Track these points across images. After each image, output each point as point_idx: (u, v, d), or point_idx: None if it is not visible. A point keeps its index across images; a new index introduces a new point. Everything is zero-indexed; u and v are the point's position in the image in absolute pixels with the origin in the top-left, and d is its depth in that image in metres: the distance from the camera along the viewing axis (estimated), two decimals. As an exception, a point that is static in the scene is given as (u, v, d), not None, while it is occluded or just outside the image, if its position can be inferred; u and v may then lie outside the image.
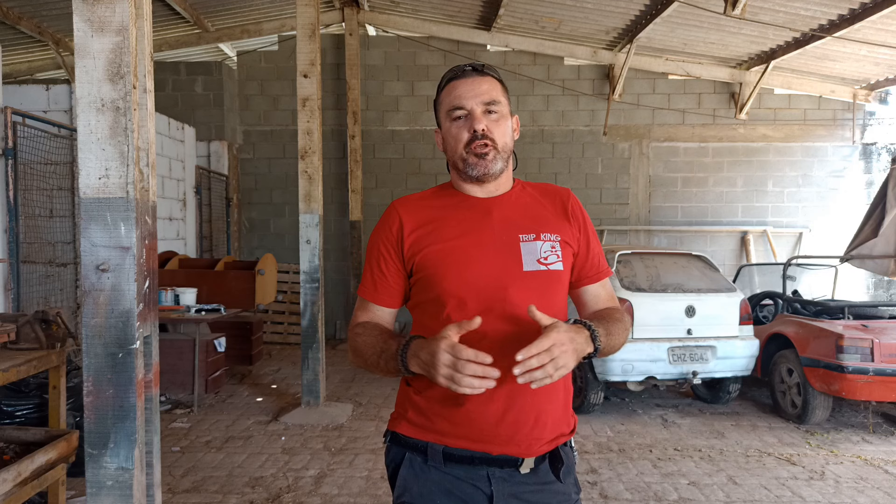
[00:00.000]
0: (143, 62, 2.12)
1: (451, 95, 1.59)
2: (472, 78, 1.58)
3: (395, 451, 1.62)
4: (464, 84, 1.58)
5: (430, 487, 1.54)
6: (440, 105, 1.64)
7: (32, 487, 2.92)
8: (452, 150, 1.61)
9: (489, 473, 1.52)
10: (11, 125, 5.39)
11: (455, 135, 1.59)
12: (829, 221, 10.09)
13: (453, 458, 1.53)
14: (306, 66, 5.91)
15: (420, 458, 1.56)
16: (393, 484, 1.61)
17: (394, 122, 10.19)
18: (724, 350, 5.84)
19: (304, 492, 4.16)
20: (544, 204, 1.66)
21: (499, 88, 1.60)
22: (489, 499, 1.52)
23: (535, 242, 1.57)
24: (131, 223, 2.04)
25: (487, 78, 1.59)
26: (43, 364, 3.44)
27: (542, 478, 1.55)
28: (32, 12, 8.20)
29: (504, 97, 1.60)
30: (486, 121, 1.56)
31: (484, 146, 1.55)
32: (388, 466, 1.64)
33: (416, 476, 1.56)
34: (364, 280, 1.67)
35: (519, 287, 1.52)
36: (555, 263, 1.57)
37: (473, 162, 1.57)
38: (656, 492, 4.24)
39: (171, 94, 9.48)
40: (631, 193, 10.21)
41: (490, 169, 1.57)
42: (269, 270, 7.68)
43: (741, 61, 9.57)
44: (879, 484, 4.43)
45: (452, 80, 1.60)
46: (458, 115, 1.58)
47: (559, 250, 1.58)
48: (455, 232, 1.57)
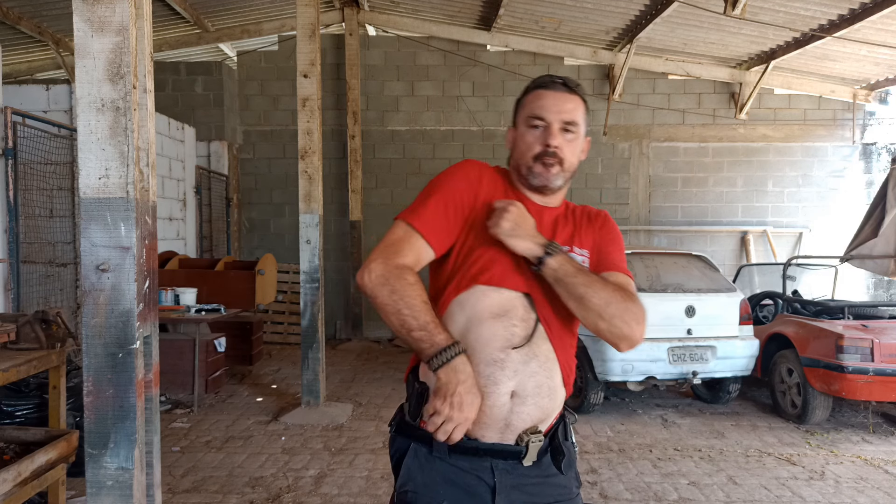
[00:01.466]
0: (143, 62, 2.12)
1: (535, 104, 1.64)
2: (561, 93, 1.63)
3: (399, 440, 1.63)
4: (551, 97, 1.63)
5: (434, 477, 1.56)
6: (522, 108, 1.68)
7: (32, 487, 2.92)
8: (521, 155, 1.66)
9: (493, 465, 1.55)
10: (11, 125, 5.39)
11: (529, 142, 1.64)
12: (829, 221, 10.08)
13: (458, 449, 1.55)
14: (306, 66, 5.91)
15: (425, 448, 1.58)
16: (397, 474, 1.63)
17: (394, 122, 10.19)
18: (724, 350, 5.84)
19: (304, 492, 4.16)
20: (583, 221, 1.74)
21: (581, 110, 1.66)
22: (492, 490, 1.55)
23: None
24: (131, 223, 2.04)
25: (574, 97, 1.64)
26: (43, 364, 3.44)
27: (544, 470, 1.59)
28: (32, 12, 8.20)
29: (583, 119, 1.66)
30: (561, 138, 1.61)
31: (552, 161, 1.61)
32: (393, 456, 1.65)
33: (421, 466, 1.58)
34: (417, 209, 1.58)
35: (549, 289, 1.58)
36: None
37: (538, 171, 1.63)
38: (656, 492, 4.24)
39: (171, 94, 9.48)
40: (631, 193, 10.21)
41: (551, 182, 1.64)
42: (269, 270, 7.68)
43: (741, 61, 9.57)
44: (879, 484, 4.43)
45: (540, 87, 1.65)
46: (535, 125, 1.63)
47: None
48: None
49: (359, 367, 7.95)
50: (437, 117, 10.16)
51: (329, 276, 9.87)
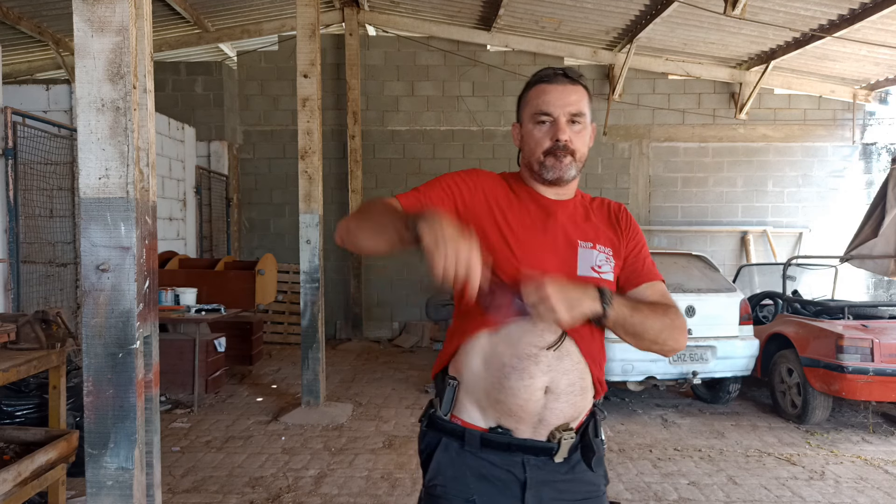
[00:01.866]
0: (143, 62, 2.12)
1: (539, 99, 1.61)
2: (563, 86, 1.61)
3: (430, 435, 1.63)
4: (554, 90, 1.60)
5: (465, 471, 1.57)
6: (525, 104, 1.66)
7: (32, 487, 2.92)
8: (530, 152, 1.64)
9: (524, 460, 1.56)
10: (11, 125, 5.39)
11: (537, 138, 1.62)
12: (829, 221, 10.08)
13: (491, 443, 1.56)
14: (306, 66, 5.91)
15: (457, 442, 1.59)
16: (426, 469, 1.63)
17: (394, 122, 10.19)
18: (724, 350, 5.84)
19: (304, 492, 4.16)
20: (600, 216, 1.71)
21: (586, 99, 1.63)
22: (522, 485, 1.55)
23: (592, 251, 1.63)
24: (131, 223, 2.04)
25: (577, 87, 1.62)
26: (43, 364, 3.44)
27: (574, 467, 1.59)
28: (32, 12, 8.20)
29: (588, 108, 1.64)
30: (570, 131, 1.60)
31: (564, 154, 1.60)
32: (423, 451, 1.65)
33: (452, 460, 1.59)
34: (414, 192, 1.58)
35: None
36: (607, 273, 1.63)
37: (551, 164, 1.61)
38: (656, 492, 4.24)
39: (171, 94, 9.48)
40: (631, 193, 10.21)
41: (565, 174, 1.62)
42: (269, 270, 7.68)
43: (741, 61, 9.57)
44: (879, 484, 4.43)
45: (542, 82, 1.63)
46: (542, 120, 1.61)
47: (612, 262, 1.64)
48: (519, 222, 1.61)
49: (359, 367, 7.95)
50: (437, 117, 10.16)
51: (329, 276, 9.87)
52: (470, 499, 1.56)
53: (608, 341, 1.66)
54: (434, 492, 1.60)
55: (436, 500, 1.60)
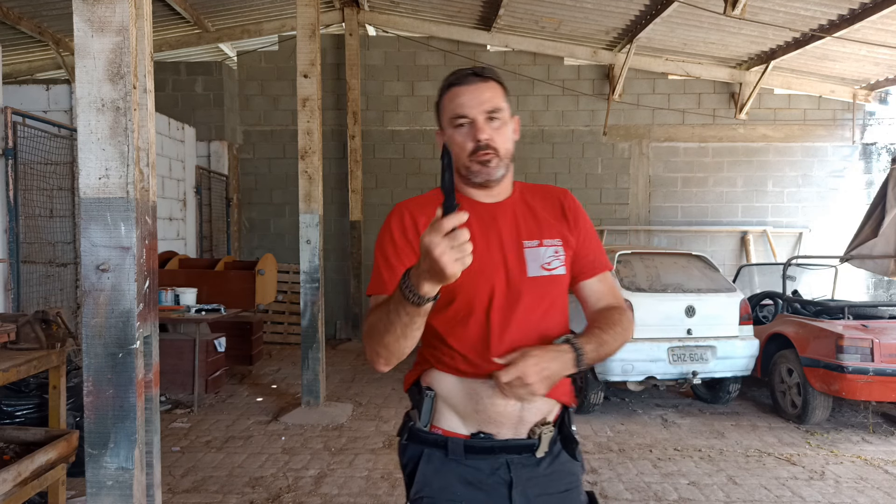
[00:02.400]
0: (143, 62, 2.12)
1: (454, 102, 1.59)
2: (475, 85, 1.58)
3: (412, 448, 1.63)
4: (466, 91, 1.58)
5: (451, 480, 1.57)
6: (442, 110, 1.64)
7: (32, 487, 2.92)
8: (456, 157, 1.61)
9: (508, 461, 1.57)
10: (11, 125, 5.39)
11: (459, 143, 1.59)
12: (829, 221, 10.08)
13: (474, 449, 1.57)
14: (306, 66, 5.91)
15: (440, 452, 1.59)
16: (410, 482, 1.62)
17: (394, 122, 10.19)
18: (724, 350, 5.84)
19: (304, 492, 4.16)
20: (544, 207, 1.69)
21: (500, 93, 1.60)
22: (509, 486, 1.57)
23: (539, 248, 1.62)
24: (131, 223, 2.04)
25: (490, 83, 1.59)
26: (43, 364, 3.44)
27: (554, 460, 1.61)
28: (32, 12, 8.20)
29: (505, 102, 1.61)
30: (489, 129, 1.57)
31: (487, 155, 1.57)
32: (406, 466, 1.65)
33: (437, 470, 1.59)
34: (375, 280, 1.60)
35: (525, 292, 1.58)
36: (558, 268, 1.62)
37: (477, 170, 1.59)
38: (656, 492, 4.24)
39: (171, 94, 9.48)
40: (631, 193, 10.21)
41: (493, 175, 1.59)
42: (269, 270, 7.68)
43: (741, 61, 9.57)
44: (879, 484, 4.43)
45: (454, 85, 1.60)
46: (460, 123, 1.59)
47: (562, 254, 1.64)
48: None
49: (359, 367, 7.95)
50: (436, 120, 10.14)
51: (329, 276, 9.87)
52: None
53: None
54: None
55: None
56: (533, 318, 1.58)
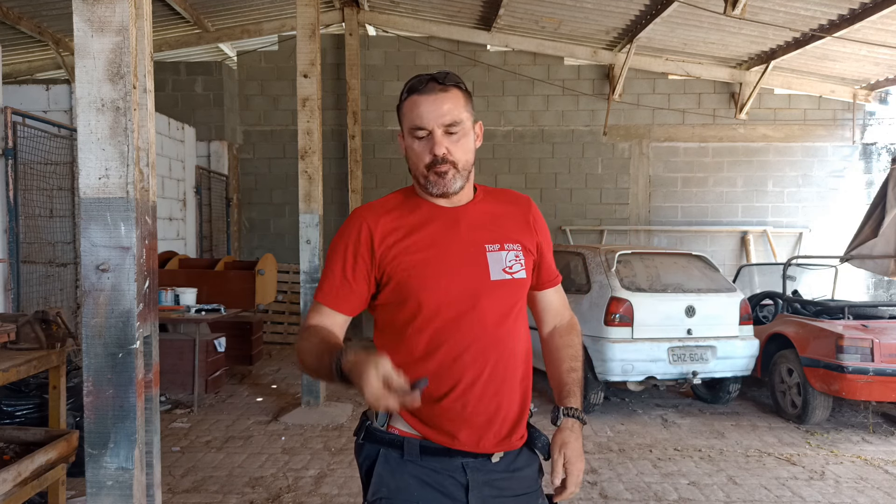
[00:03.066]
0: (143, 62, 2.12)
1: (413, 112, 1.56)
2: (435, 95, 1.55)
3: (368, 448, 1.63)
4: (425, 102, 1.55)
5: (407, 480, 1.57)
6: (402, 117, 1.61)
7: (32, 487, 2.92)
8: (414, 166, 1.62)
9: (464, 464, 1.57)
10: (11, 125, 5.39)
11: (417, 153, 1.58)
12: (829, 221, 10.09)
13: (430, 450, 1.57)
14: (306, 66, 5.91)
15: (396, 452, 1.59)
16: (367, 482, 1.62)
17: (394, 122, 10.18)
18: (724, 350, 5.84)
19: (304, 492, 4.16)
20: (507, 212, 1.70)
21: (461, 103, 1.58)
22: (465, 488, 1.57)
23: (500, 252, 1.62)
24: (131, 223, 2.04)
25: (450, 93, 1.56)
26: (43, 364, 3.44)
27: (510, 465, 1.62)
28: (32, 12, 8.20)
29: (466, 111, 1.59)
30: (447, 142, 1.56)
31: (444, 168, 1.56)
32: (362, 465, 1.64)
33: (393, 471, 1.58)
34: (323, 285, 1.64)
35: (487, 296, 1.59)
36: (519, 272, 1.64)
37: (434, 181, 1.58)
38: (656, 492, 4.24)
39: (171, 94, 9.48)
40: (631, 193, 10.21)
41: (450, 188, 1.58)
42: (269, 270, 7.68)
43: (741, 61, 9.57)
44: (879, 484, 4.43)
45: (414, 92, 1.57)
46: (419, 135, 1.57)
47: (522, 259, 1.65)
48: (426, 242, 1.59)
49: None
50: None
51: (329, 276, 9.86)
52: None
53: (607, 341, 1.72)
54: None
55: None
56: (492, 320, 1.58)
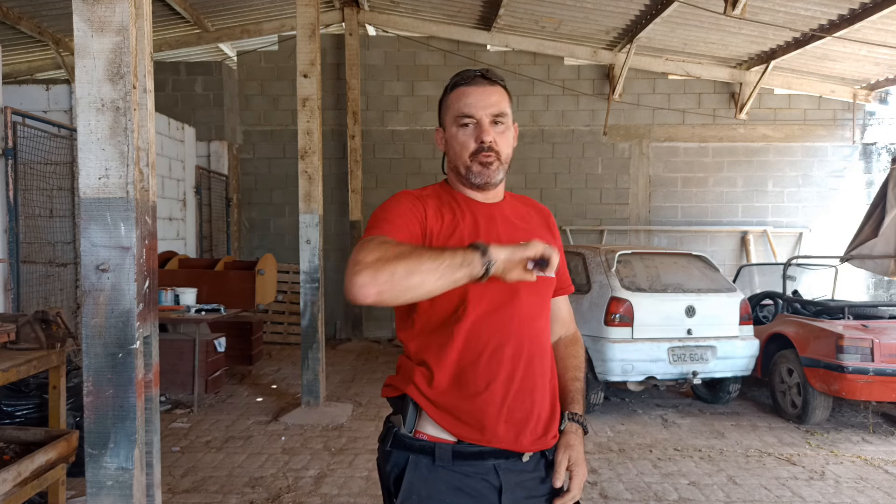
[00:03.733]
0: (143, 62, 2.12)
1: (461, 102, 1.60)
2: (483, 87, 1.60)
3: (396, 455, 1.58)
4: (475, 92, 1.59)
5: (439, 487, 1.54)
6: (446, 108, 1.64)
7: (32, 487, 2.92)
8: (456, 155, 1.62)
9: (496, 466, 1.56)
10: (11, 125, 5.39)
11: (462, 142, 1.60)
12: (829, 221, 10.09)
13: (462, 455, 1.54)
14: (306, 66, 5.91)
15: (427, 459, 1.54)
16: (396, 489, 1.57)
17: (394, 122, 10.19)
18: (724, 350, 5.84)
19: (304, 492, 4.16)
20: (532, 215, 1.75)
21: (506, 99, 1.63)
22: (498, 491, 1.55)
23: None
24: (131, 223, 2.04)
25: (497, 88, 1.61)
26: (43, 364, 3.44)
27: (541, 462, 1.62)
28: (32, 12, 8.20)
29: (510, 108, 1.64)
30: (493, 132, 1.59)
31: (489, 157, 1.59)
32: (390, 473, 1.59)
33: (424, 478, 1.54)
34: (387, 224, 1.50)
35: (524, 291, 1.58)
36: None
37: (477, 171, 1.60)
38: (656, 492, 4.24)
39: (171, 94, 9.48)
40: (631, 193, 10.21)
41: (492, 178, 1.61)
42: (269, 270, 7.68)
43: (741, 61, 9.57)
44: (879, 484, 4.43)
45: (462, 85, 1.61)
46: (465, 123, 1.59)
47: None
48: (468, 232, 1.58)
49: (359, 367, 7.95)
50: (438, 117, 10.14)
51: (329, 276, 9.87)
52: None
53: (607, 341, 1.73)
54: None
55: None
56: (528, 315, 1.59)
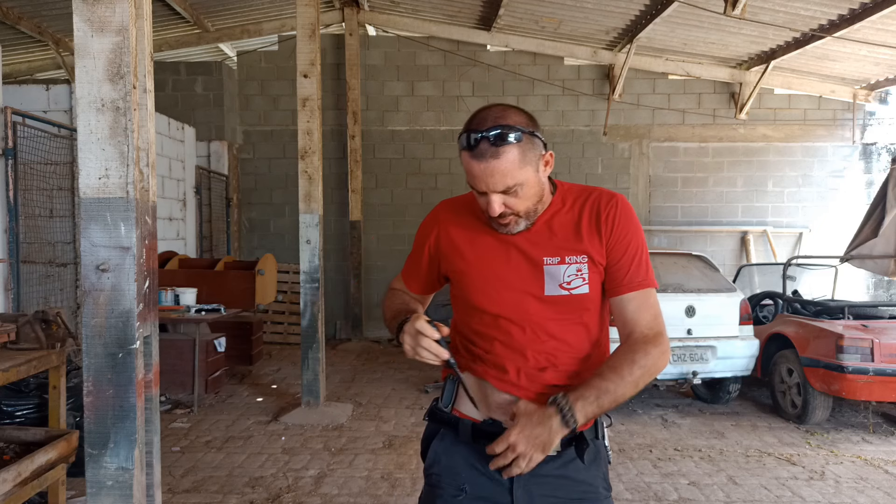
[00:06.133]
0: (143, 62, 2.12)
1: (468, 171, 1.51)
2: (486, 163, 1.46)
3: (431, 425, 1.73)
4: (477, 167, 1.48)
5: (458, 461, 1.64)
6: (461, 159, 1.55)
7: (32, 487, 2.92)
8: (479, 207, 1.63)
9: None
10: (11, 125, 5.39)
11: (480, 203, 1.58)
12: (829, 221, 10.08)
13: (482, 433, 1.60)
14: (306, 66, 5.91)
15: (451, 433, 1.66)
16: (424, 457, 1.73)
17: (394, 122, 10.19)
18: (724, 350, 5.84)
19: (304, 492, 4.16)
20: (579, 219, 1.60)
21: (516, 163, 1.47)
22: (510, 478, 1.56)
23: (560, 266, 1.58)
24: (131, 223, 2.04)
25: (503, 158, 1.45)
26: (43, 364, 3.44)
27: (568, 465, 1.60)
28: (32, 12, 8.20)
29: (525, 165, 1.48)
30: (506, 200, 1.52)
31: (505, 220, 1.57)
32: (423, 441, 1.75)
33: (446, 450, 1.67)
34: (406, 262, 1.86)
35: (539, 310, 1.59)
36: (579, 287, 1.57)
37: (497, 226, 1.61)
38: (656, 492, 4.24)
39: (171, 94, 9.47)
40: (631, 193, 10.20)
41: (513, 231, 1.60)
42: (269, 270, 7.68)
43: (741, 61, 9.57)
44: (879, 484, 4.43)
45: (466, 152, 1.50)
46: (478, 190, 1.54)
47: (586, 272, 1.58)
48: (480, 255, 1.65)
49: (359, 367, 7.95)
50: (437, 117, 10.16)
51: (329, 276, 9.87)
52: (461, 487, 1.62)
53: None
54: (430, 480, 1.68)
55: (431, 488, 1.68)
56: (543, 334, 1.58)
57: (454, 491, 1.62)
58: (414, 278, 1.83)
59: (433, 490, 1.66)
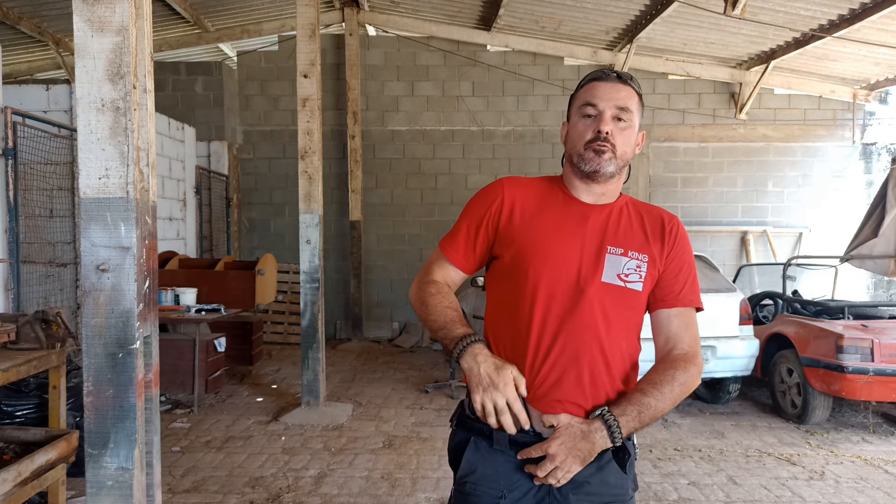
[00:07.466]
0: (143, 62, 2.12)
1: (588, 92, 1.63)
2: (613, 83, 1.62)
3: (460, 434, 1.68)
4: (604, 86, 1.62)
5: (497, 469, 1.59)
6: (575, 100, 1.68)
7: (32, 487, 2.92)
8: (573, 145, 1.65)
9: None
10: (11, 125, 5.39)
11: (580, 131, 1.63)
12: (829, 221, 10.08)
13: (518, 444, 1.57)
14: (306, 66, 5.91)
15: (485, 441, 1.61)
16: (455, 467, 1.67)
17: (394, 122, 10.19)
18: (724, 350, 5.84)
19: (304, 492, 4.16)
20: (643, 223, 1.68)
21: (635, 100, 1.63)
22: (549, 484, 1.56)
23: (621, 258, 1.61)
24: (131, 223, 2.04)
25: (628, 87, 1.63)
26: (43, 364, 3.44)
27: (602, 469, 1.59)
28: (32, 12, 8.20)
29: (637, 110, 1.64)
30: (613, 126, 1.59)
31: (603, 146, 1.59)
32: (452, 450, 1.69)
33: (482, 458, 1.61)
34: (452, 236, 1.73)
35: (593, 295, 1.58)
36: (635, 283, 1.61)
37: (589, 157, 1.60)
38: (656, 492, 4.24)
39: (171, 94, 9.48)
40: (631, 193, 10.19)
41: (603, 167, 1.60)
42: (269, 270, 7.68)
43: (741, 61, 9.57)
44: (879, 484, 4.43)
45: (595, 80, 1.64)
46: (588, 113, 1.61)
47: (644, 271, 1.62)
48: (549, 228, 1.62)
49: (359, 367, 7.95)
50: (437, 117, 10.16)
51: (329, 276, 9.87)
52: (499, 496, 1.59)
53: None
54: (464, 489, 1.63)
55: (466, 497, 1.63)
56: (592, 321, 1.57)
57: (492, 500, 1.59)
58: (468, 255, 1.71)
59: (468, 498, 1.63)
